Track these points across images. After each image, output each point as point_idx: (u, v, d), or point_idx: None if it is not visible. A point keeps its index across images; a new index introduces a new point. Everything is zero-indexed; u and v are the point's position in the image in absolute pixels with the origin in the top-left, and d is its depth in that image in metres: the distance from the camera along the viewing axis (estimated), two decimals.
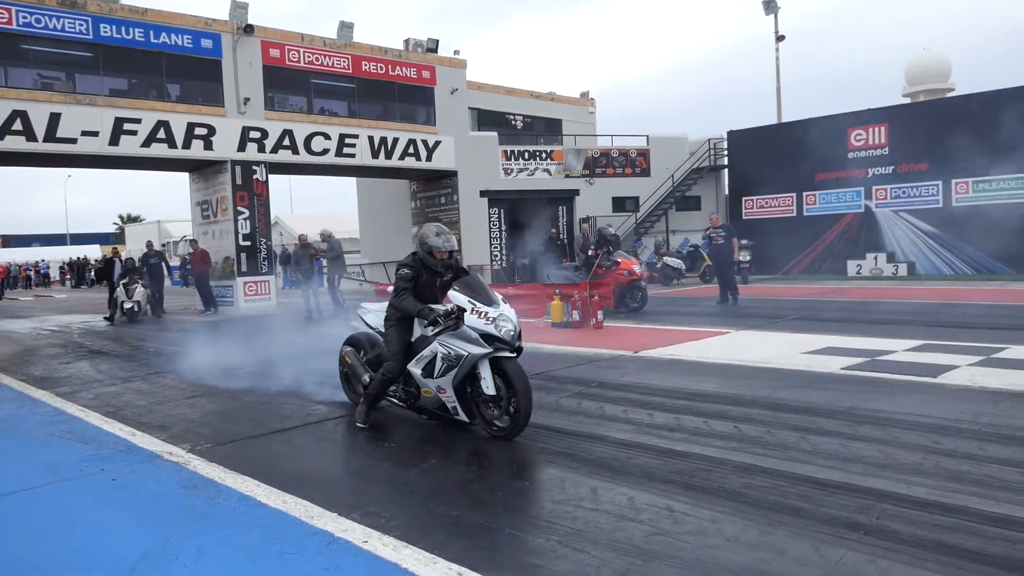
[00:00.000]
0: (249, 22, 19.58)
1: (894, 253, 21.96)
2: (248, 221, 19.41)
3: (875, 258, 22.05)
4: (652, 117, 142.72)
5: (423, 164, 23.19)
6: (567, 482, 4.24)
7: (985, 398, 5.80)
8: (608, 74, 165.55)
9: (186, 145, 18.55)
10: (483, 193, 24.21)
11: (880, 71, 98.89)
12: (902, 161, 21.83)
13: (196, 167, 20.22)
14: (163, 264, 18.59)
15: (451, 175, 23.82)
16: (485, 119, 27.03)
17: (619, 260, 14.42)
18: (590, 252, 14.59)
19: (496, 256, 24.46)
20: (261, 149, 19.80)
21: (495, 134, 25.47)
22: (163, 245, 34.99)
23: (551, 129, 28.73)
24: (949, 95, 27.63)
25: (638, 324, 11.95)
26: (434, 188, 24.73)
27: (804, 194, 23.90)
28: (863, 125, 22.62)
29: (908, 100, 30.79)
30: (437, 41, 23.83)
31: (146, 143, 17.96)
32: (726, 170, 27.17)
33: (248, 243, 19.39)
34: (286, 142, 20.30)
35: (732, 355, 8.32)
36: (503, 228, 24.63)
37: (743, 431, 5.14)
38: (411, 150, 22.72)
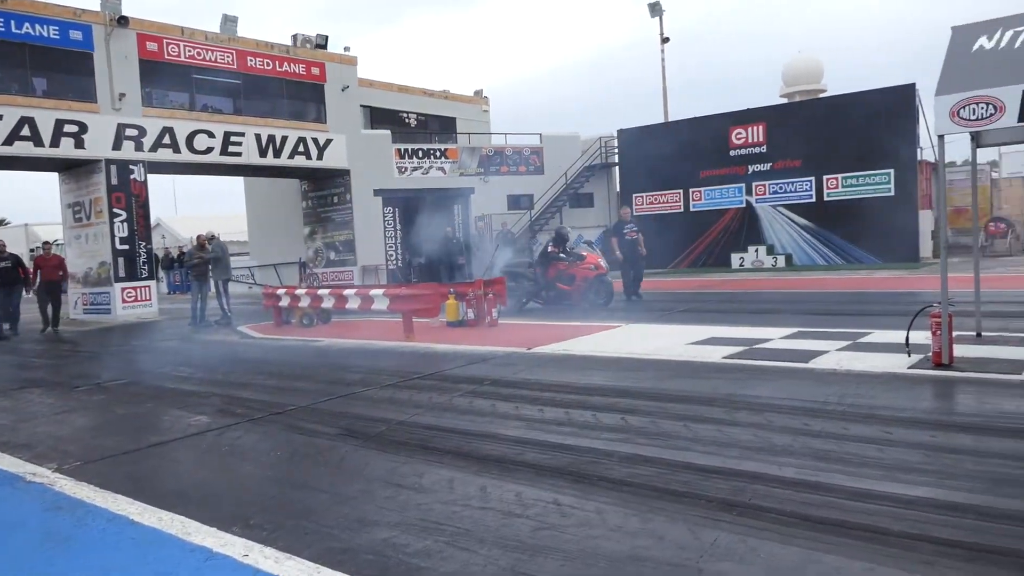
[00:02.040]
0: (123, 13, 18.50)
1: (773, 246, 23.12)
2: (125, 224, 18.35)
3: (756, 251, 23.17)
4: (545, 116, 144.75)
5: (314, 163, 22.61)
6: (456, 482, 4.24)
7: (850, 380, 6.19)
8: (501, 73, 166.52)
9: (54, 143, 17.35)
10: (377, 192, 23.86)
11: (762, 72, 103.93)
12: (778, 158, 22.99)
13: (67, 167, 18.93)
14: (19, 270, 15.54)
15: (343, 174, 23.35)
16: (378, 117, 26.61)
17: (584, 254, 13.63)
18: (549, 249, 14.04)
19: (391, 256, 24.19)
20: (139, 147, 18.76)
21: (388, 132, 25.12)
22: (32, 251, 32.65)
23: (445, 127, 28.60)
24: (821, 95, 29.34)
25: (532, 321, 12.09)
26: (326, 187, 24.17)
27: (690, 190, 24.80)
28: (743, 124, 23.67)
29: (786, 100, 32.48)
30: (326, 37, 23.28)
31: (8, 141, 16.67)
32: (617, 168, 27.84)
33: (126, 247, 18.34)
34: (166, 140, 19.32)
35: (621, 348, 8.54)
36: (398, 227, 24.36)
37: (629, 422, 5.28)
38: (301, 148, 22.10)
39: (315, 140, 22.40)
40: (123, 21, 18.41)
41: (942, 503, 3.48)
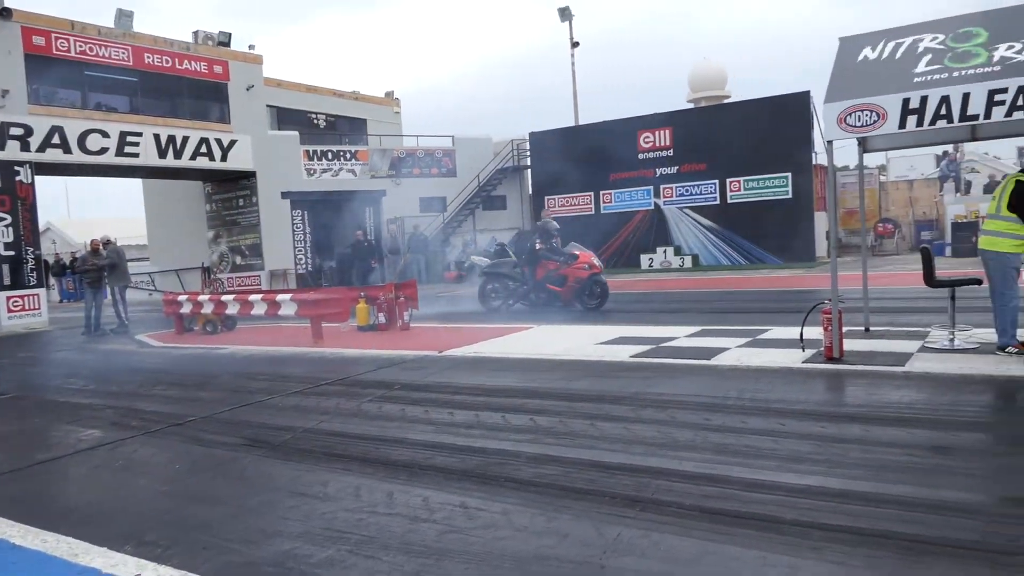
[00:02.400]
0: (6, 5, 17.41)
1: (680, 247, 23.81)
2: (11, 228, 17.24)
3: (664, 252, 23.80)
4: (457, 118, 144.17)
5: (217, 164, 21.84)
6: (362, 489, 4.16)
7: (749, 376, 6.43)
8: (413, 74, 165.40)
9: None
10: (285, 194, 23.26)
11: (669, 78, 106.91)
12: (684, 161, 23.70)
13: None
14: None
15: (249, 176, 22.66)
16: (285, 118, 25.98)
17: (577, 253, 13.10)
18: (537, 246, 13.33)
19: (301, 260, 23.63)
20: (25, 147, 17.68)
21: (296, 133, 24.55)
22: None
23: (355, 129, 28.18)
24: (725, 101, 30.41)
25: (445, 324, 12.04)
26: (231, 189, 23.40)
27: (601, 193, 25.27)
28: (650, 128, 24.29)
29: (692, 105, 33.47)
30: (230, 35, 22.54)
31: None
32: (529, 170, 28.06)
33: (12, 253, 17.23)
34: (56, 140, 18.28)
35: (532, 350, 8.61)
36: (307, 231, 23.83)
37: (538, 423, 5.32)
38: (203, 149, 21.31)
39: (218, 141, 21.67)
40: (5, 13, 17.33)
41: (831, 491, 3.65)
